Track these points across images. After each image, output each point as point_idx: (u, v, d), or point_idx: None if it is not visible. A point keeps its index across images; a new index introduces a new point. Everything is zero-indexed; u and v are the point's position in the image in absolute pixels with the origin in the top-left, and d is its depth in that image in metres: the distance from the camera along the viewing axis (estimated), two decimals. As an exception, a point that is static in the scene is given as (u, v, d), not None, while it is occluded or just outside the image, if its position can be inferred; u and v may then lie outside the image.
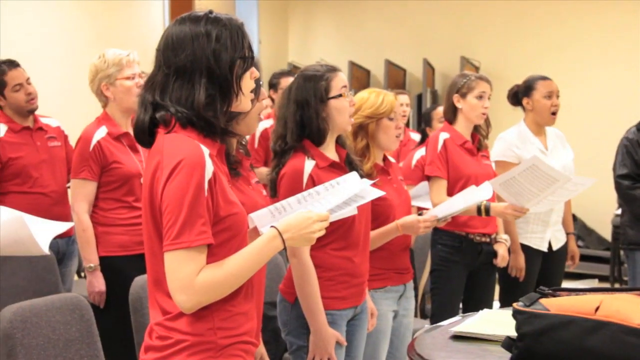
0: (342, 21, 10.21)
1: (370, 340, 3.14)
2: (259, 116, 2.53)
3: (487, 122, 4.08)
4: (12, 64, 4.19)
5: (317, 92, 2.85)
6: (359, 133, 3.21)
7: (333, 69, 2.93)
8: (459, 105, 3.99)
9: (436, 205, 3.55)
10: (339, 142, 2.99)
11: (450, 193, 3.83)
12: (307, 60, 9.88)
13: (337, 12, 10.22)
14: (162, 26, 8.11)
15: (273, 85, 5.56)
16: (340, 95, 2.88)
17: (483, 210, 3.66)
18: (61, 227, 3.14)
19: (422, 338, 2.42)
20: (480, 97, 3.96)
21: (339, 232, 2.85)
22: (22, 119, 4.20)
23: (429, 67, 9.00)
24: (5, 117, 4.19)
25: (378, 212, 3.15)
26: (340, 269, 2.88)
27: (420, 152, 5.41)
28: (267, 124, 5.13)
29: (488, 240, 4.02)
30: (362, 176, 2.42)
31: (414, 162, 5.35)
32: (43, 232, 2.95)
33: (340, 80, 2.91)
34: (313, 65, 3.01)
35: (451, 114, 4.05)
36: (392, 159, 3.44)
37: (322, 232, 2.00)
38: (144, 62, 3.79)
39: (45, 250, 2.89)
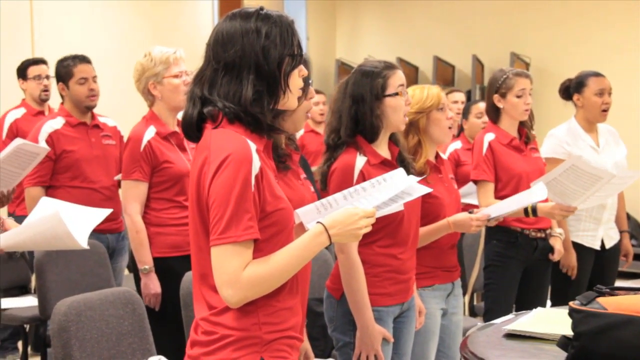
0: (390, 17, 10.16)
1: (418, 339, 3.12)
2: (306, 114, 2.52)
3: (530, 113, 4.02)
4: (84, 59, 4.28)
5: (373, 89, 2.84)
6: (410, 130, 3.19)
7: (392, 67, 2.90)
8: (500, 105, 3.94)
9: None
10: (392, 140, 2.98)
11: (502, 193, 3.80)
12: (354, 57, 9.87)
13: (384, 8, 10.18)
14: (212, 24, 8.18)
15: None
16: (396, 94, 2.86)
17: (530, 211, 3.63)
18: (99, 215, 3.12)
19: (475, 336, 2.40)
20: (520, 95, 3.89)
21: (387, 230, 2.84)
22: (80, 114, 4.27)
23: (478, 63, 8.92)
24: (65, 111, 4.27)
25: (428, 210, 3.13)
26: (386, 266, 2.87)
27: (455, 144, 5.38)
28: None
29: (543, 235, 3.97)
30: (413, 174, 2.40)
31: (446, 154, 5.30)
32: (81, 226, 2.94)
33: (398, 79, 2.89)
34: (371, 60, 2.99)
35: (493, 113, 4.00)
36: (443, 156, 3.41)
37: (369, 229, 1.99)
38: (193, 60, 3.82)
39: (84, 245, 2.88)
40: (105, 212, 3.16)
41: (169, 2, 7.89)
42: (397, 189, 2.15)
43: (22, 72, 5.18)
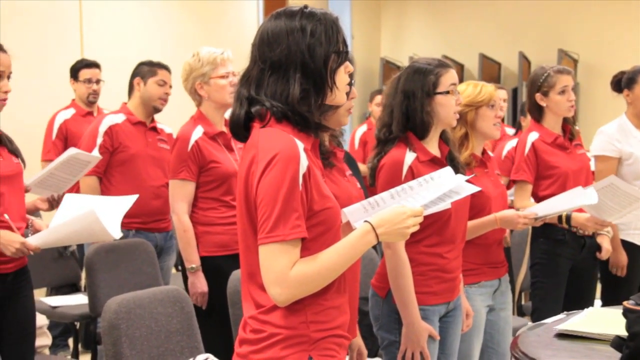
0: (436, 15, 10.11)
1: (464, 335, 3.09)
2: (348, 111, 2.52)
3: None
4: (168, 68, 4.39)
5: (425, 86, 2.83)
6: (459, 122, 3.17)
7: (445, 65, 2.90)
8: (542, 103, 3.88)
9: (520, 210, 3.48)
10: (443, 138, 2.96)
11: (547, 192, 3.76)
12: (399, 55, 9.84)
13: (430, 6, 10.13)
14: (257, 24, 8.22)
15: None
16: (447, 92, 2.85)
17: (564, 219, 3.58)
18: (127, 203, 3.15)
19: (525, 335, 2.38)
20: (563, 92, 3.83)
21: (433, 228, 2.82)
22: (143, 114, 4.35)
23: (525, 61, 8.83)
24: (127, 109, 4.35)
25: (473, 204, 3.10)
26: (432, 265, 2.85)
27: (512, 143, 5.30)
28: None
29: (591, 233, 3.91)
30: (462, 173, 2.38)
31: (504, 153, 5.24)
32: (112, 218, 2.99)
33: (450, 77, 2.88)
34: (425, 58, 2.98)
35: (536, 112, 3.94)
36: (490, 153, 3.39)
37: (416, 228, 1.98)
38: (239, 60, 3.84)
39: (117, 236, 2.94)
40: (132, 198, 3.18)
41: (214, 2, 7.94)
42: (445, 188, 2.13)
43: (74, 72, 5.25)
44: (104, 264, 3.92)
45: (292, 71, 1.91)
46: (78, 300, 4.43)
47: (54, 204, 3.47)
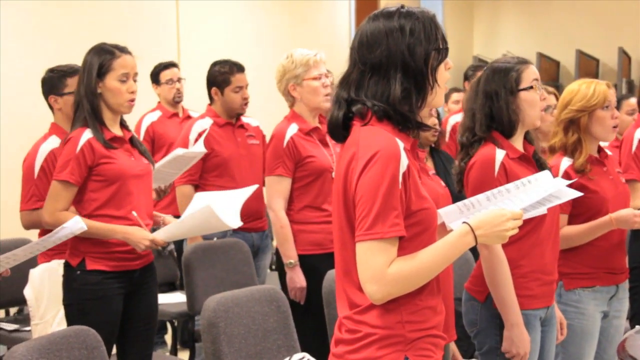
0: (530, 12, 9.92)
1: (575, 339, 3.01)
2: (430, 111, 2.49)
3: None
4: (240, 68, 4.40)
5: (507, 84, 2.77)
6: (570, 127, 3.09)
7: (524, 61, 2.84)
8: None
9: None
10: (527, 139, 2.90)
11: None
12: (492, 53, 9.69)
13: (524, 2, 9.95)
14: (349, 25, 8.23)
15: (467, 78, 5.57)
16: (531, 87, 2.79)
17: None
18: (245, 194, 3.26)
19: (633, 339, 2.31)
20: None
21: (527, 228, 2.74)
22: (228, 117, 4.39)
23: (624, 56, 8.57)
24: (212, 112, 4.39)
25: (588, 205, 3.02)
26: (531, 265, 2.76)
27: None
28: (458, 117, 5.09)
29: None
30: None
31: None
32: (231, 209, 3.10)
33: (532, 73, 2.81)
34: (503, 57, 2.93)
35: None
36: (608, 151, 3.26)
37: (515, 231, 1.94)
38: (330, 61, 3.86)
39: (236, 225, 3.06)
40: (251, 189, 3.28)
41: (307, 3, 8.00)
42: (544, 192, 2.08)
43: (154, 77, 5.33)
44: (202, 263, 4.00)
45: (392, 72, 1.90)
46: (176, 299, 4.53)
47: (161, 194, 3.61)
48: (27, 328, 3.80)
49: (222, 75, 4.33)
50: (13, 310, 4.46)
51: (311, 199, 3.70)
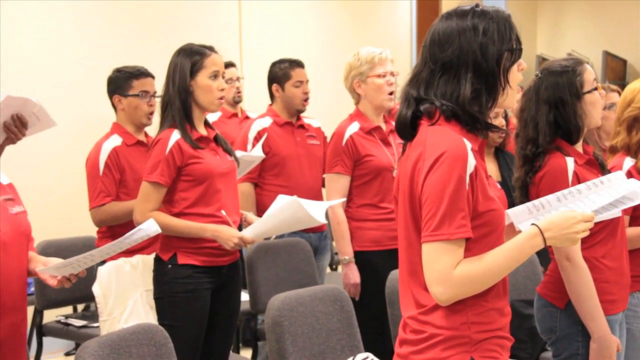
0: (595, 9, 9.75)
1: (634, 344, 2.95)
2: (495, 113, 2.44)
3: None
4: (300, 64, 4.44)
5: (572, 89, 2.71)
6: (634, 126, 3.01)
7: (580, 62, 2.77)
8: None
9: None
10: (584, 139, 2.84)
11: None
12: (556, 52, 9.55)
13: (589, 1, 9.77)
14: (410, 23, 8.20)
15: None
16: (595, 89, 2.73)
17: None
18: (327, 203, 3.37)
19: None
20: None
21: (605, 231, 2.69)
22: (288, 115, 4.41)
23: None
24: (272, 111, 4.42)
25: None
26: (612, 269, 2.70)
27: None
28: None
29: None
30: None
31: None
32: (316, 206, 3.16)
33: (591, 73, 2.75)
34: (555, 60, 2.85)
35: None
36: None
37: (586, 234, 1.90)
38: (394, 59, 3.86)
39: (321, 220, 3.11)
40: (330, 203, 3.41)
41: (368, 2, 7.99)
42: (617, 194, 2.04)
43: None
44: (264, 262, 4.02)
45: (463, 71, 1.89)
46: (239, 297, 4.57)
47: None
48: (95, 324, 3.89)
49: (282, 71, 4.37)
50: (80, 307, 4.56)
51: (370, 197, 3.73)
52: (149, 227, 2.38)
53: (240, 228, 3.21)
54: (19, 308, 2.34)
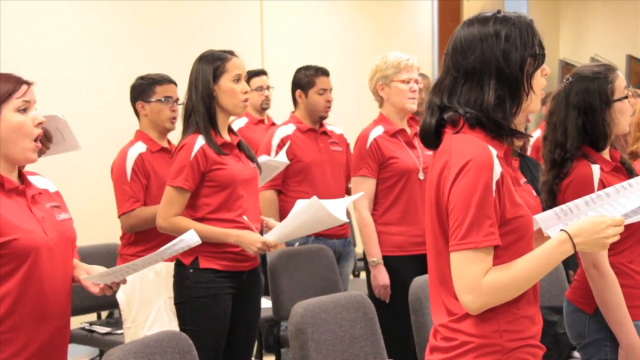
0: (619, 13, 9.67)
1: None
2: (526, 116, 2.43)
3: None
4: (325, 72, 4.46)
5: (603, 96, 2.69)
6: None
7: (612, 69, 2.75)
8: None
9: None
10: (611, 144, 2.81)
11: None
12: (579, 57, 9.49)
13: (613, 4, 9.70)
14: (431, 28, 8.18)
15: None
16: (625, 97, 2.71)
17: None
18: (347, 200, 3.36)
19: None
20: None
21: (634, 237, 2.66)
22: (311, 122, 4.43)
23: None
24: (296, 118, 4.44)
25: None
26: None
27: None
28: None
29: None
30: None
31: None
32: (338, 204, 3.17)
33: (622, 81, 2.74)
34: (587, 65, 2.84)
35: None
36: None
37: (616, 238, 1.89)
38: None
39: (344, 219, 3.11)
40: (350, 199, 3.40)
41: (389, 7, 7.98)
42: None
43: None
44: (287, 269, 4.02)
45: (486, 78, 1.88)
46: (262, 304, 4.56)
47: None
48: (119, 331, 3.90)
49: (306, 78, 4.40)
50: (104, 314, 4.57)
51: (395, 200, 3.75)
52: (190, 238, 2.40)
53: (261, 234, 3.22)
54: (63, 313, 2.36)
